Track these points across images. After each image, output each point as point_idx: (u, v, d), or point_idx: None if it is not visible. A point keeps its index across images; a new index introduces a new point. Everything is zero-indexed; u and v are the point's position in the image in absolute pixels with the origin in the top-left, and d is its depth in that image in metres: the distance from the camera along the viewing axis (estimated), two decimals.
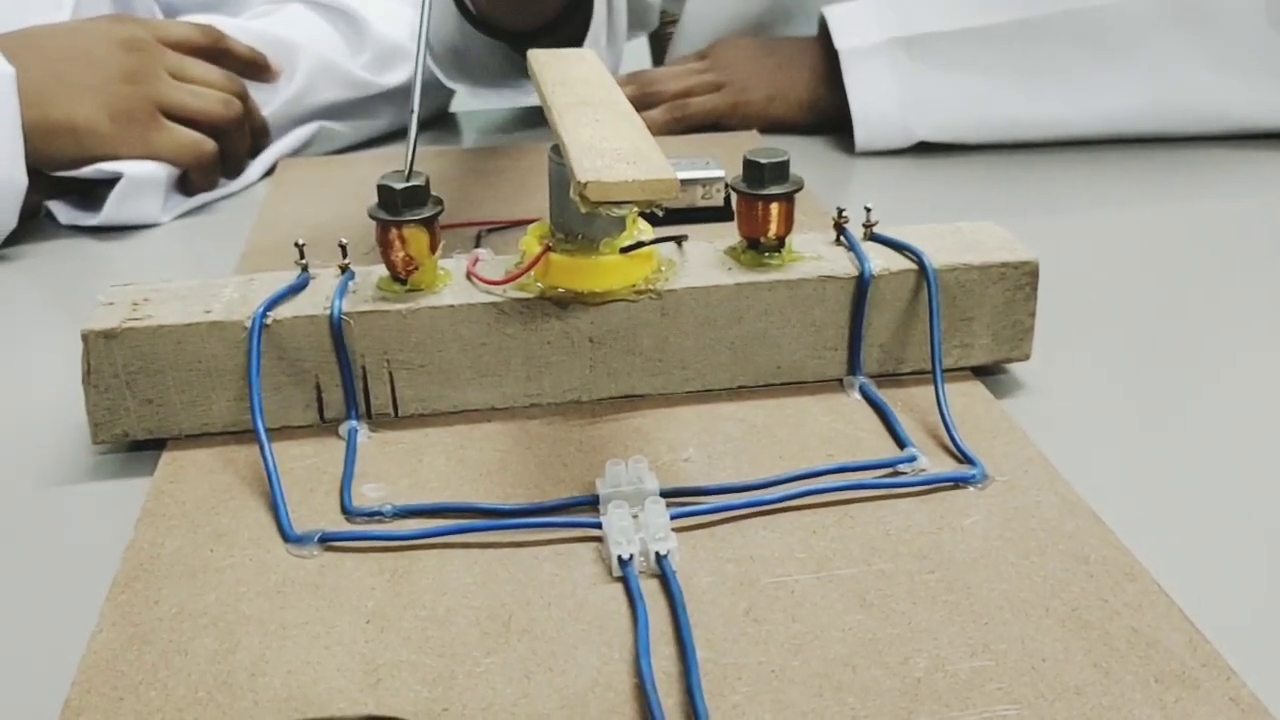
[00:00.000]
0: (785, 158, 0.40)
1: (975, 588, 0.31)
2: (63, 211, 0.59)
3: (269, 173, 0.67)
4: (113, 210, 0.58)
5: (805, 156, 0.69)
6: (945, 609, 0.30)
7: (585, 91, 0.40)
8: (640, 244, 0.39)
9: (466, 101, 0.80)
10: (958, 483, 0.36)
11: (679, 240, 0.42)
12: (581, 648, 0.29)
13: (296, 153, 0.70)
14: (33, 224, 0.59)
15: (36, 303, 0.53)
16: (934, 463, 0.37)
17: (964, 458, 0.37)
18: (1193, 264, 0.54)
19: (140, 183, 0.58)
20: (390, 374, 0.39)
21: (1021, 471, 0.36)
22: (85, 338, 0.37)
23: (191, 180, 0.61)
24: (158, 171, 0.59)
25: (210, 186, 0.62)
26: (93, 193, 0.60)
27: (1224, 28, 0.66)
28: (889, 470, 0.36)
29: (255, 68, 0.65)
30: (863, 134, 0.69)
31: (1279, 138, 0.69)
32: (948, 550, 0.33)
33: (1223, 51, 0.67)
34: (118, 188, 0.57)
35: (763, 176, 0.40)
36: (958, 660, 0.29)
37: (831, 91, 0.72)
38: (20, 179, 0.54)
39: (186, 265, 0.57)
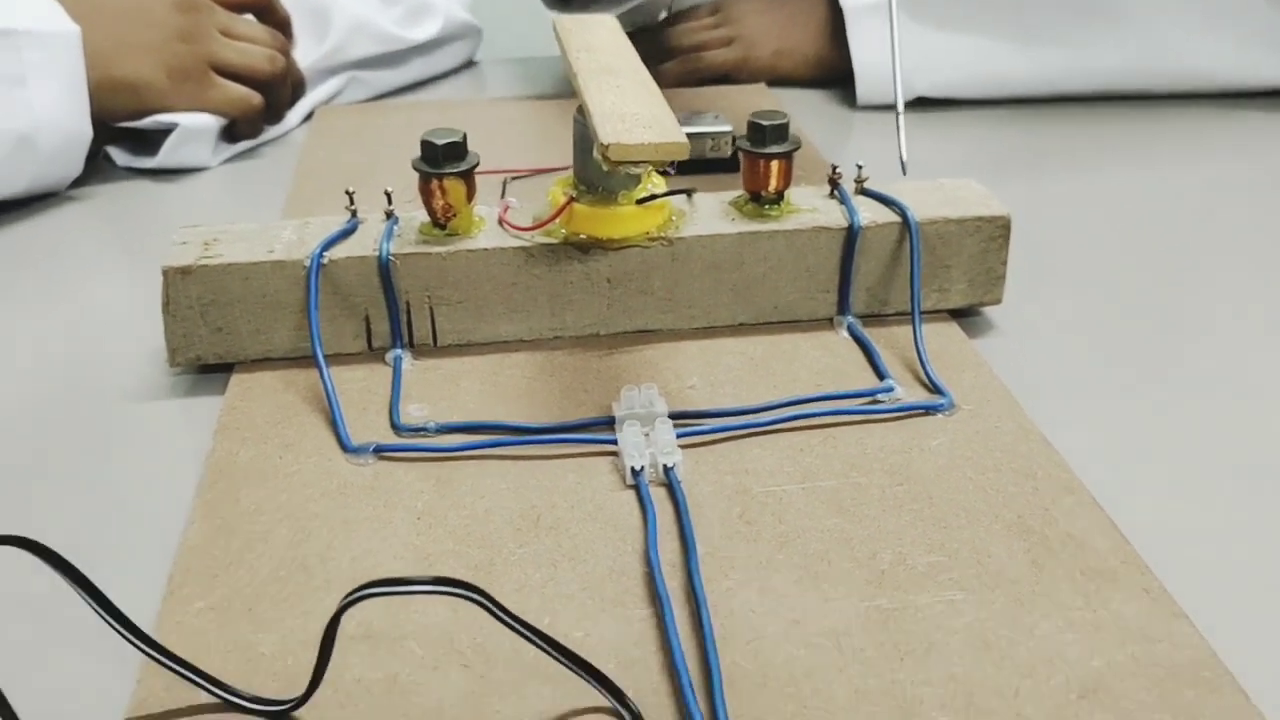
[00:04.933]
0: (785, 120, 0.45)
1: (936, 498, 0.36)
2: (119, 155, 0.64)
3: (306, 119, 0.71)
4: (167, 155, 0.63)
5: (810, 109, 0.74)
6: (910, 515, 0.36)
7: (607, 59, 0.44)
8: (654, 196, 0.44)
9: (492, 52, 0.84)
10: (928, 410, 0.41)
11: (689, 193, 0.46)
12: (599, 542, 0.35)
13: (330, 101, 0.74)
14: (92, 166, 0.64)
15: (104, 239, 0.58)
16: (909, 393, 0.42)
17: (935, 389, 0.42)
18: (1170, 221, 0.58)
19: (193, 132, 0.63)
20: (431, 309, 0.44)
21: (985, 401, 0.41)
22: (165, 273, 0.42)
23: (238, 129, 0.66)
24: (209, 121, 0.63)
25: (255, 134, 0.67)
26: (146, 136, 0.64)
27: None
28: (869, 399, 0.41)
29: (288, 29, 0.69)
30: (864, 89, 0.73)
31: (1263, 96, 0.73)
32: (915, 467, 0.38)
33: (1209, 12, 0.70)
34: (173, 136, 0.62)
35: (764, 137, 0.45)
36: (917, 556, 0.34)
37: (836, 47, 0.76)
38: (86, 131, 0.59)
39: (234, 204, 0.62)
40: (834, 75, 0.77)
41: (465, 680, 0.30)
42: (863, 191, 0.47)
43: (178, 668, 0.29)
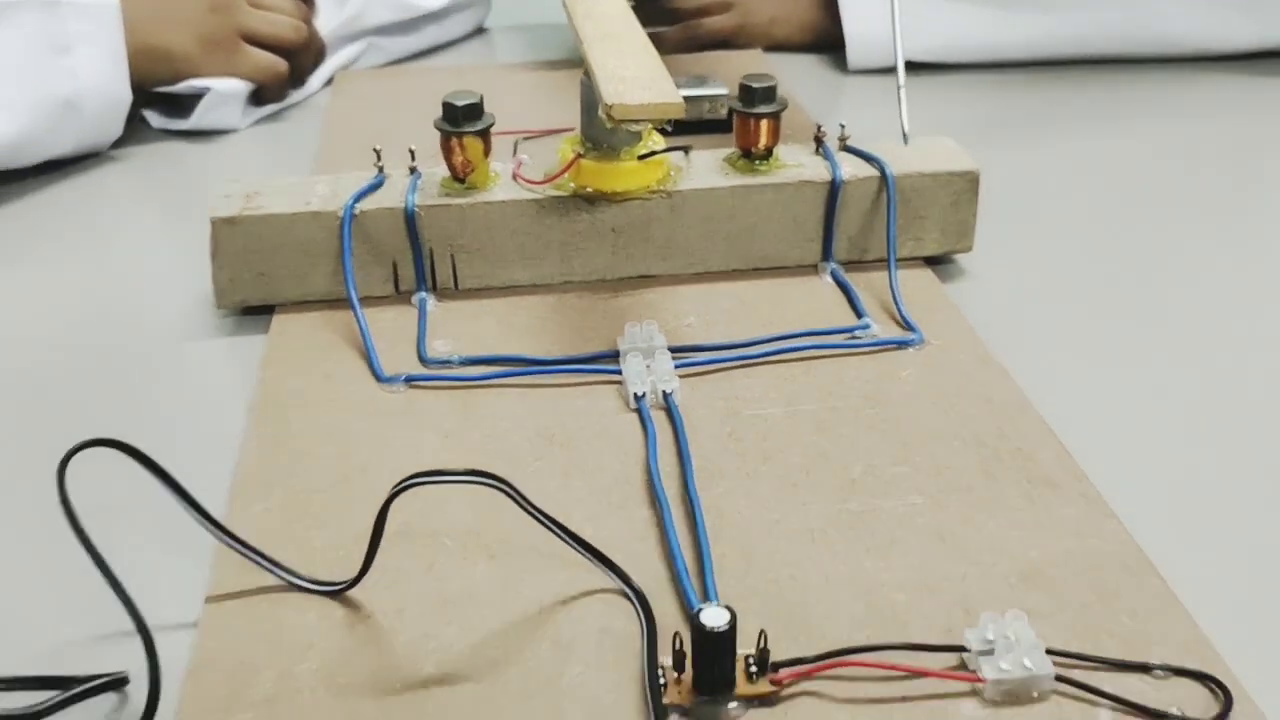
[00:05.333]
0: (773, 83, 0.49)
1: (904, 420, 0.41)
2: (155, 118, 0.69)
3: (327, 83, 0.76)
4: (200, 118, 0.67)
5: (803, 74, 0.78)
6: (879, 434, 0.40)
7: (609, 25, 0.49)
8: (654, 152, 0.48)
9: (500, 20, 0.88)
10: (900, 345, 0.45)
11: (685, 150, 0.51)
12: (606, 456, 0.39)
13: (350, 66, 0.78)
14: (129, 127, 0.68)
15: (145, 195, 0.63)
16: (884, 330, 0.46)
17: (907, 326, 0.46)
18: (1141, 179, 0.63)
19: (223, 96, 0.67)
20: (452, 255, 0.49)
21: (952, 337, 0.46)
22: (213, 223, 0.47)
23: (265, 93, 0.70)
24: (238, 86, 0.68)
25: (281, 98, 0.71)
26: (179, 100, 0.69)
27: None
28: (848, 335, 0.46)
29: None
30: (854, 54, 0.77)
31: (1235, 59, 0.76)
32: (887, 393, 0.42)
33: None
34: (205, 100, 0.67)
35: (754, 98, 0.49)
36: (884, 468, 0.39)
37: (829, 15, 0.80)
38: (126, 96, 0.63)
39: (262, 163, 0.67)
40: (827, 41, 0.80)
41: (491, 568, 0.35)
42: (845, 148, 0.51)
43: (250, 554, 0.33)
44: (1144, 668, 0.31)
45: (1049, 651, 0.30)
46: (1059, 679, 0.30)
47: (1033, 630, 0.31)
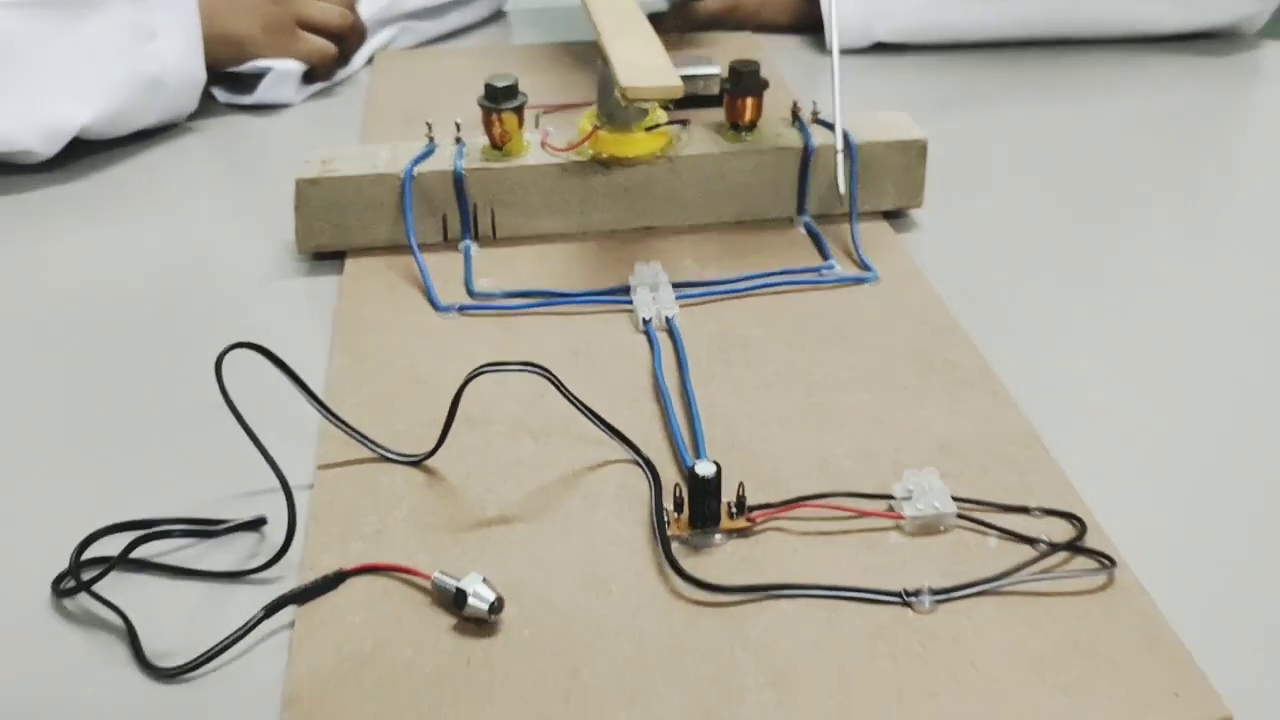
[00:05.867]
0: (757, 66, 0.60)
1: (859, 339, 0.51)
2: (221, 94, 0.79)
3: (368, 62, 0.86)
4: (262, 94, 0.77)
5: (786, 52, 0.88)
6: (838, 349, 0.51)
7: (622, 20, 0.59)
8: (659, 125, 0.59)
9: (516, 3, 0.98)
10: (858, 281, 0.56)
11: (684, 123, 0.61)
12: (621, 366, 0.50)
13: (386, 47, 0.88)
14: (200, 102, 0.78)
15: (217, 159, 0.73)
16: (846, 269, 0.57)
17: (865, 266, 0.57)
18: (1079, 148, 0.73)
19: (282, 75, 0.77)
20: (492, 209, 0.59)
21: (901, 276, 0.56)
22: (298, 183, 0.57)
23: (317, 72, 0.80)
24: (294, 66, 0.78)
25: (329, 77, 0.81)
26: (241, 78, 0.79)
27: None
28: (815, 273, 0.56)
29: None
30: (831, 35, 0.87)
31: (1165, 41, 0.87)
32: (846, 319, 0.53)
33: None
34: (266, 79, 0.77)
35: (741, 80, 0.59)
36: (840, 373, 0.49)
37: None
38: (202, 75, 0.74)
39: (314, 132, 0.77)
40: (808, 23, 0.90)
41: (534, 445, 0.45)
42: (817, 121, 0.62)
43: (352, 432, 0.44)
44: (1024, 509, 0.41)
45: (954, 498, 0.41)
46: (960, 516, 0.41)
47: (942, 483, 0.41)
